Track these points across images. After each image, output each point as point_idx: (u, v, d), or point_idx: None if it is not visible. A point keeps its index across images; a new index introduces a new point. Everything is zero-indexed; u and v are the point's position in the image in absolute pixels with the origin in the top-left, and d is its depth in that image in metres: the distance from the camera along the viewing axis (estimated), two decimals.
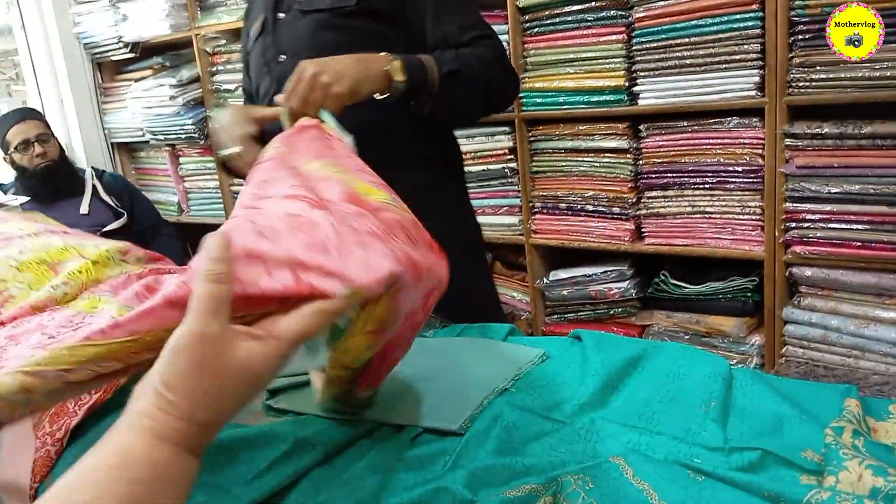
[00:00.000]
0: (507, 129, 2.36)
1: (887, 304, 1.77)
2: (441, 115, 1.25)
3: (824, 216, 1.81)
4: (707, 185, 2.01)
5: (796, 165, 1.83)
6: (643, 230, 2.15)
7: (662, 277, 2.14)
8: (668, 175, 2.06)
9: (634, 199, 2.13)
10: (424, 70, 1.16)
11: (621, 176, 2.14)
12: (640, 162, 2.10)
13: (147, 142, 3.24)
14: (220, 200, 3.13)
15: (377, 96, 1.10)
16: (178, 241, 2.96)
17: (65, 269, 0.70)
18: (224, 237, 0.52)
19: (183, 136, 3.09)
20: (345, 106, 1.02)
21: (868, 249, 1.76)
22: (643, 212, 2.13)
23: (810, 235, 1.82)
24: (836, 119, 1.76)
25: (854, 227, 1.77)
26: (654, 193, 2.11)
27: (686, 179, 2.04)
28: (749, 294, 2.00)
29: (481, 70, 1.23)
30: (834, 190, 1.77)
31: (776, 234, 1.88)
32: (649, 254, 2.17)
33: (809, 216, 1.82)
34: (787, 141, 1.83)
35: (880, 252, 1.75)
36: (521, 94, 2.25)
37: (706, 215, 2.02)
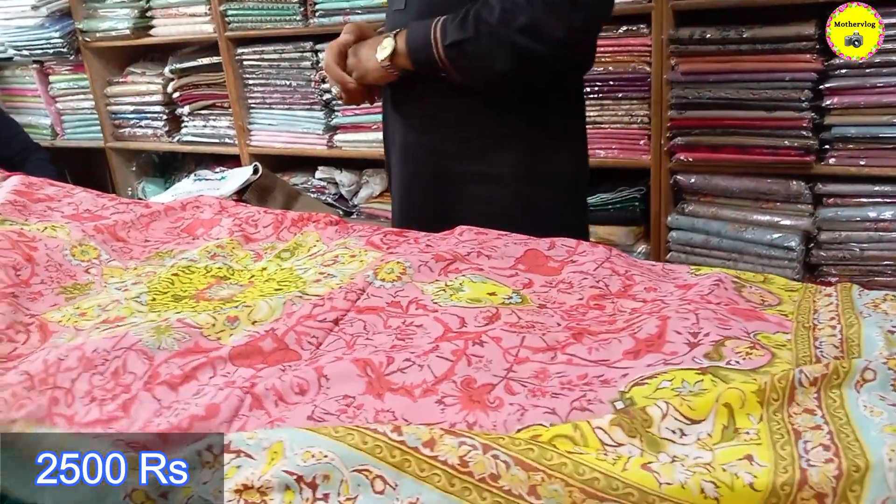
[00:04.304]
0: None
1: (763, 208, 1.83)
2: (474, 86, 1.12)
3: (707, 123, 1.82)
4: (597, 95, 2.00)
5: (681, 72, 1.83)
6: None
7: None
8: None
9: None
10: (428, 46, 1.08)
11: None
12: None
13: (11, 58, 2.97)
14: (98, 122, 2.92)
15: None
16: (51, 166, 2.75)
17: None
18: None
19: (51, 52, 2.85)
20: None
21: (747, 154, 1.80)
22: None
23: (693, 142, 1.85)
24: (721, 23, 1.76)
25: (735, 132, 1.80)
26: None
27: None
28: (636, 203, 2.02)
29: (500, 26, 1.04)
30: (715, 96, 1.79)
31: (662, 142, 1.89)
32: None
33: (693, 123, 1.84)
34: (672, 47, 1.82)
35: (758, 157, 1.79)
36: None
37: (596, 126, 2.01)
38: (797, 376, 0.56)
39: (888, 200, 1.71)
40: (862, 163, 1.71)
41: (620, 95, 1.97)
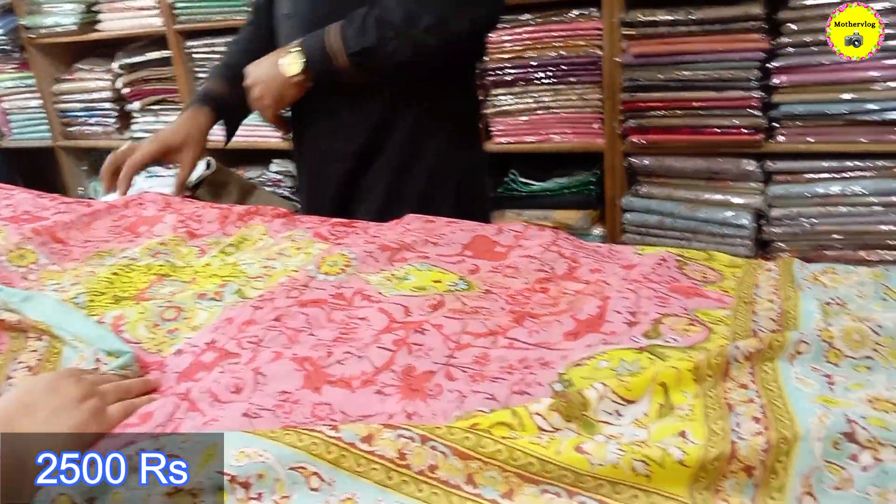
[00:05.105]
0: None
1: (716, 187, 1.85)
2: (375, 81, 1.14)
3: (659, 104, 1.84)
4: (550, 80, 2.00)
5: (633, 55, 1.83)
6: (490, 129, 2.12)
7: (511, 176, 2.14)
8: (514, 71, 2.03)
9: (482, 98, 2.09)
10: (327, 58, 1.08)
11: None
12: (486, 59, 2.05)
13: None
14: (46, 121, 2.85)
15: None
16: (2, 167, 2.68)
17: None
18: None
19: None
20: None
21: (699, 135, 1.82)
22: (491, 110, 2.09)
23: (646, 124, 1.86)
24: (671, 5, 1.77)
25: (686, 113, 1.82)
26: (500, 91, 2.07)
27: (531, 75, 2.02)
28: (592, 187, 2.03)
29: (405, 27, 1.06)
30: (666, 77, 1.80)
31: (614, 125, 1.90)
32: (497, 153, 2.14)
33: (645, 105, 1.85)
34: (624, 30, 1.83)
35: (710, 136, 1.81)
36: None
37: (549, 110, 2.02)
38: (732, 352, 0.57)
39: (836, 176, 1.74)
40: (810, 139, 1.73)
41: (573, 79, 1.97)
